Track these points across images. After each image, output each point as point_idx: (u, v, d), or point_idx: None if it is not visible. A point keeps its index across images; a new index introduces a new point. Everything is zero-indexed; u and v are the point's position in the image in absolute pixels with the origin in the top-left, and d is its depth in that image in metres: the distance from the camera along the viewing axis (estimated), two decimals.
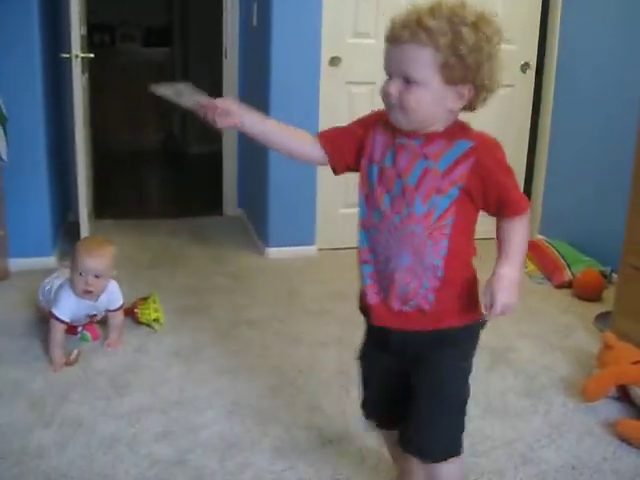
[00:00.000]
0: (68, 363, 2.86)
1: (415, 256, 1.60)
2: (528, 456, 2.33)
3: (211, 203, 5.36)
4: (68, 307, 2.88)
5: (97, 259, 2.87)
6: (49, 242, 3.99)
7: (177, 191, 6.47)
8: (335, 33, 4.14)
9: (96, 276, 2.87)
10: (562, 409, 2.64)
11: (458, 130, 1.59)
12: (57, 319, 2.86)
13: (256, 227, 4.69)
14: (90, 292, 2.89)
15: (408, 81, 1.51)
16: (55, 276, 3.13)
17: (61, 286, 2.95)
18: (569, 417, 2.58)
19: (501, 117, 4.49)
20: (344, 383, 2.77)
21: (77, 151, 3.92)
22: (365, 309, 1.75)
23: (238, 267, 4.13)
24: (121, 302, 3.06)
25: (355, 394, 2.65)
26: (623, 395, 2.66)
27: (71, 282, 2.90)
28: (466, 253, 1.67)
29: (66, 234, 4.40)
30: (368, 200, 1.66)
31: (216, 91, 5.05)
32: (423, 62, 1.48)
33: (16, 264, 3.83)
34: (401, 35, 1.48)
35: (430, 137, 1.57)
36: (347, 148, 1.72)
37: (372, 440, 2.32)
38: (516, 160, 4.68)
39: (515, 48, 4.51)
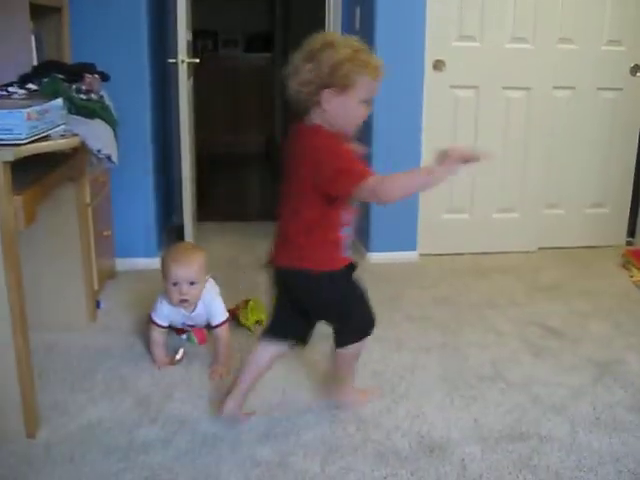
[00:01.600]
0: (172, 362, 2.92)
1: None
2: (639, 473, 2.24)
3: None
4: (165, 314, 2.91)
5: (186, 267, 2.81)
6: (154, 243, 4.08)
7: (277, 195, 6.51)
8: (439, 36, 4.10)
9: (190, 283, 2.82)
10: None
11: None
12: (155, 323, 2.91)
13: (357, 232, 4.67)
14: (185, 300, 2.85)
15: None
16: None
17: (159, 297, 2.95)
18: None
19: (609, 121, 4.36)
20: (447, 390, 2.73)
21: (182, 155, 4.00)
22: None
23: None
24: (224, 317, 2.95)
25: (459, 402, 2.63)
26: None
27: (166, 292, 2.87)
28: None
29: (170, 236, 4.49)
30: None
31: None
32: None
33: (123, 264, 3.94)
34: None
35: None
36: None
37: (475, 447, 2.28)
38: (624, 166, 4.54)
39: (624, 49, 4.37)
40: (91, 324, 3.27)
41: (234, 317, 3.29)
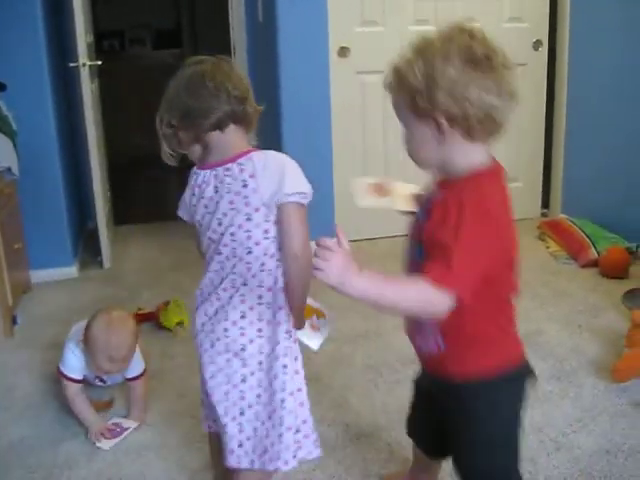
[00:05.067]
0: (108, 407, 2.63)
1: None
2: (561, 442, 2.29)
3: None
4: (79, 367, 2.48)
5: (121, 340, 2.43)
6: (69, 252, 4.00)
7: None
8: (342, 23, 4.10)
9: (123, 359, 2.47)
10: (593, 391, 2.59)
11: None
12: (67, 378, 2.47)
13: None
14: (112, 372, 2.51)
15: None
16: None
17: (68, 344, 2.53)
18: (600, 400, 2.54)
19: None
20: (371, 377, 2.75)
21: (91, 159, 3.93)
22: None
23: None
24: (142, 368, 2.58)
25: (383, 387, 2.65)
26: None
27: (89, 358, 2.45)
28: None
29: (87, 242, 4.41)
30: None
31: None
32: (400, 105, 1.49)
33: (38, 276, 3.84)
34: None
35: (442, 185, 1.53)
36: None
37: (400, 434, 2.30)
38: (533, 139, 4.63)
39: (526, 26, 4.46)
40: (8, 340, 3.19)
41: (155, 319, 3.26)
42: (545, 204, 4.79)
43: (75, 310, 3.47)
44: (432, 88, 1.37)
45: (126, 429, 2.46)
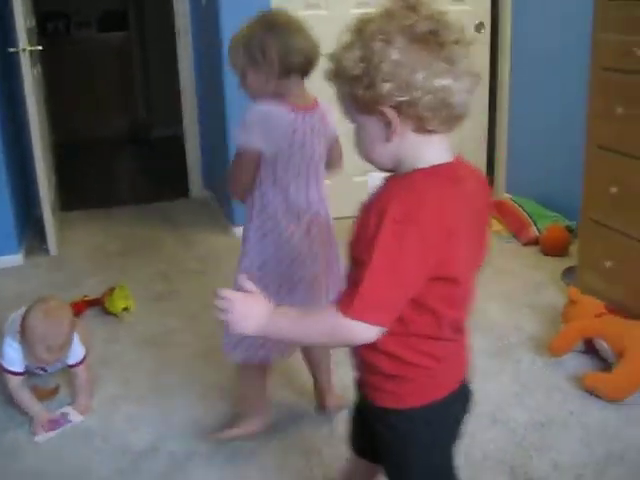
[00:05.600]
0: (53, 395, 2.62)
1: None
2: (497, 416, 2.37)
3: (178, 186, 5.33)
4: (19, 359, 2.45)
5: (59, 330, 2.41)
6: (14, 240, 3.95)
7: (144, 176, 6.42)
8: (285, 7, 4.08)
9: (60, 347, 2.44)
10: (530, 367, 2.68)
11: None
12: (9, 372, 2.45)
13: (222, 207, 4.67)
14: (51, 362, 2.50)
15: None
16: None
17: (6, 337, 2.50)
18: (537, 374, 2.62)
19: None
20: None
21: (34, 145, 3.89)
22: None
23: (208, 249, 4.12)
24: (83, 354, 2.55)
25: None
26: (589, 348, 2.70)
27: (27, 349, 2.42)
28: None
29: (33, 230, 4.37)
30: None
31: (173, 71, 5.03)
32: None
33: None
34: None
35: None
36: None
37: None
38: (477, 121, 4.69)
39: (468, 8, 4.48)
40: None
41: (101, 305, 3.26)
42: (489, 184, 4.86)
43: (21, 297, 3.44)
44: (372, 74, 1.18)
45: (69, 422, 2.45)
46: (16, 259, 3.93)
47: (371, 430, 1.45)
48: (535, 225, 3.96)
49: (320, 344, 1.29)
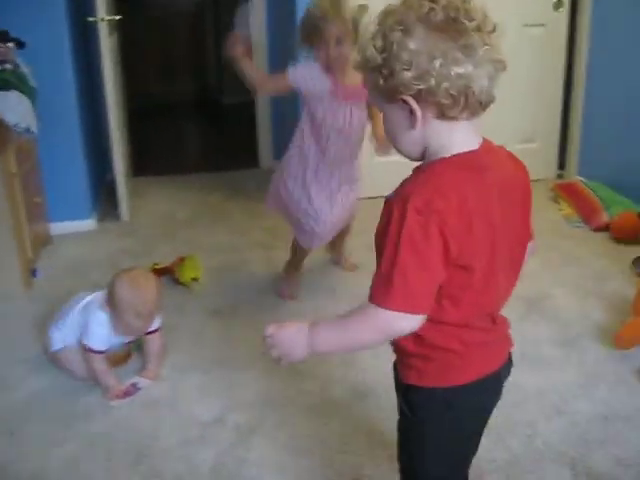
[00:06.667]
0: (119, 359, 2.69)
1: None
2: (560, 407, 2.35)
3: (248, 156, 5.36)
4: (105, 338, 2.52)
5: (148, 296, 2.49)
6: (88, 204, 4.06)
7: (214, 144, 6.48)
8: None
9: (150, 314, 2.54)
10: (596, 358, 2.65)
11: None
12: (93, 351, 2.51)
13: None
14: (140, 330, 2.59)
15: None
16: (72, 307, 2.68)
17: (89, 315, 2.56)
18: (602, 366, 2.59)
19: (535, 57, 4.41)
20: None
21: (109, 113, 3.96)
22: None
23: (275, 220, 4.14)
24: (159, 323, 2.64)
25: (386, 348, 2.71)
26: None
27: (114, 321, 2.50)
28: None
29: (105, 195, 4.46)
30: None
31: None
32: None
33: (57, 228, 3.90)
34: None
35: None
36: None
37: None
38: (551, 101, 4.61)
39: None
40: (28, 293, 3.26)
41: (171, 274, 3.32)
42: (561, 165, 4.79)
43: (93, 263, 3.55)
44: (392, 64, 1.20)
45: (139, 389, 2.53)
46: (89, 224, 4.03)
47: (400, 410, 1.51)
48: (607, 210, 3.88)
49: (375, 343, 1.31)
